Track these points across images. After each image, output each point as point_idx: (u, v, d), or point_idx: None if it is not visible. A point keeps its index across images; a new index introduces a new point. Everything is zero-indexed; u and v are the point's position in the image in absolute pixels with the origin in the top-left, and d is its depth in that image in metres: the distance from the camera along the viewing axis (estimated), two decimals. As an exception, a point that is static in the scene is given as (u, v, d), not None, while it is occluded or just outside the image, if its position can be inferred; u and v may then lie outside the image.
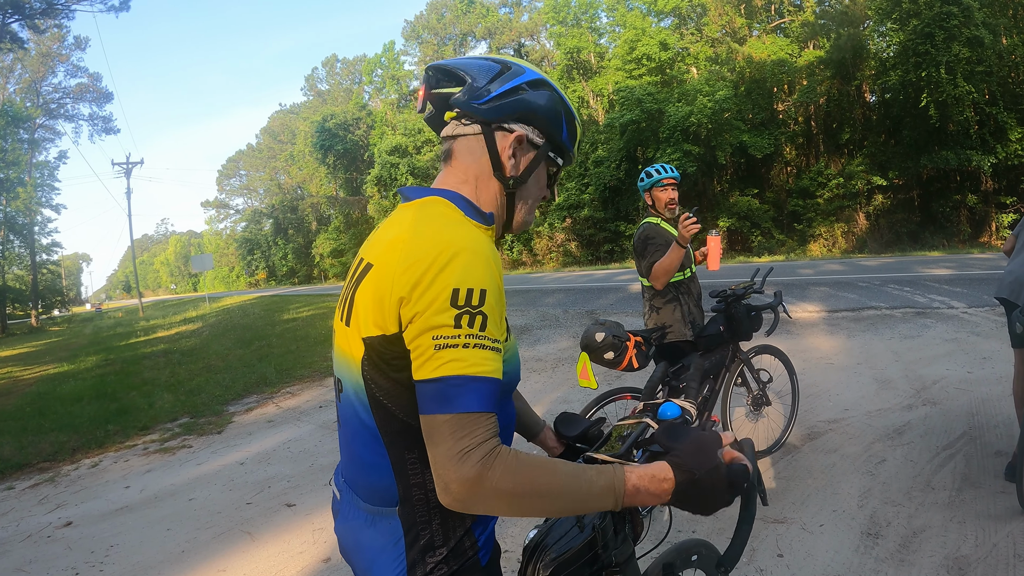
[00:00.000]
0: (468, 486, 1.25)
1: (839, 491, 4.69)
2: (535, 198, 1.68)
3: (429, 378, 1.28)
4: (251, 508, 5.64)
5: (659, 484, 1.41)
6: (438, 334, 1.28)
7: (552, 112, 1.61)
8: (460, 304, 1.28)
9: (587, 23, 49.55)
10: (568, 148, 1.67)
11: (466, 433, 1.26)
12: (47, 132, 57.36)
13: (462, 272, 1.31)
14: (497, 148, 1.58)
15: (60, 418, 9.89)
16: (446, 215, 1.49)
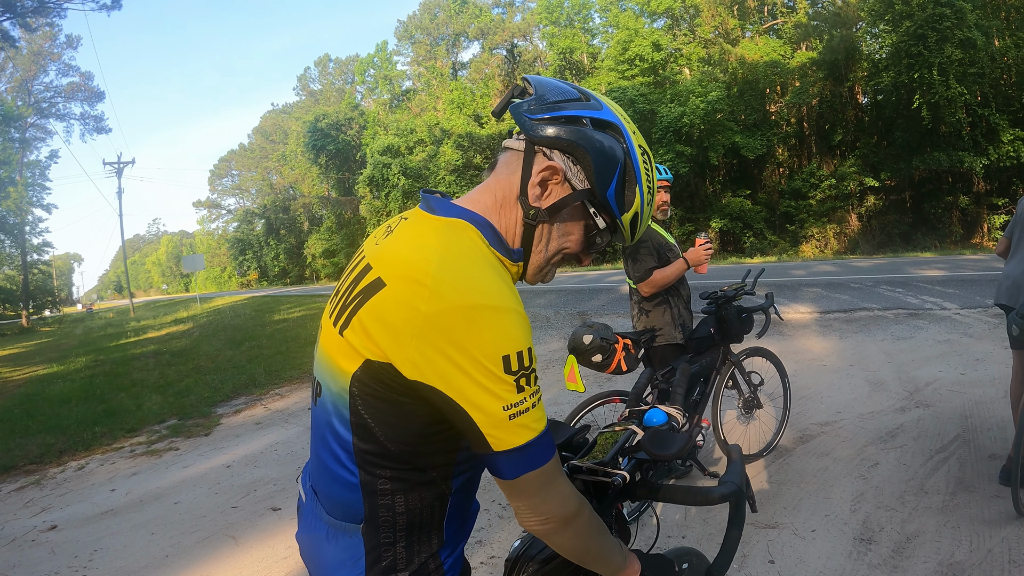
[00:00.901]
0: (569, 519, 1.37)
1: (831, 495, 4.65)
2: (558, 248, 1.51)
3: (515, 447, 1.28)
4: (236, 512, 5.58)
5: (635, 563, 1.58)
6: (507, 404, 1.26)
7: (605, 159, 1.43)
8: (515, 370, 1.26)
9: (580, 24, 49.69)
10: (612, 207, 1.46)
11: (559, 475, 1.36)
12: (38, 131, 57.19)
13: (508, 336, 1.26)
14: (531, 171, 1.45)
15: (48, 420, 9.82)
16: (475, 252, 1.37)
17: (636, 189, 1.48)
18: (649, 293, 4.85)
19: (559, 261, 1.55)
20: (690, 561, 2.03)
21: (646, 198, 1.51)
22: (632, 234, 1.53)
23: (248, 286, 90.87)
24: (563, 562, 1.66)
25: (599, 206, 1.46)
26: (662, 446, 1.69)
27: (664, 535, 4.23)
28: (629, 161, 1.47)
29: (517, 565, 1.69)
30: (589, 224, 1.49)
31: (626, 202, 1.47)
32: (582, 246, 1.53)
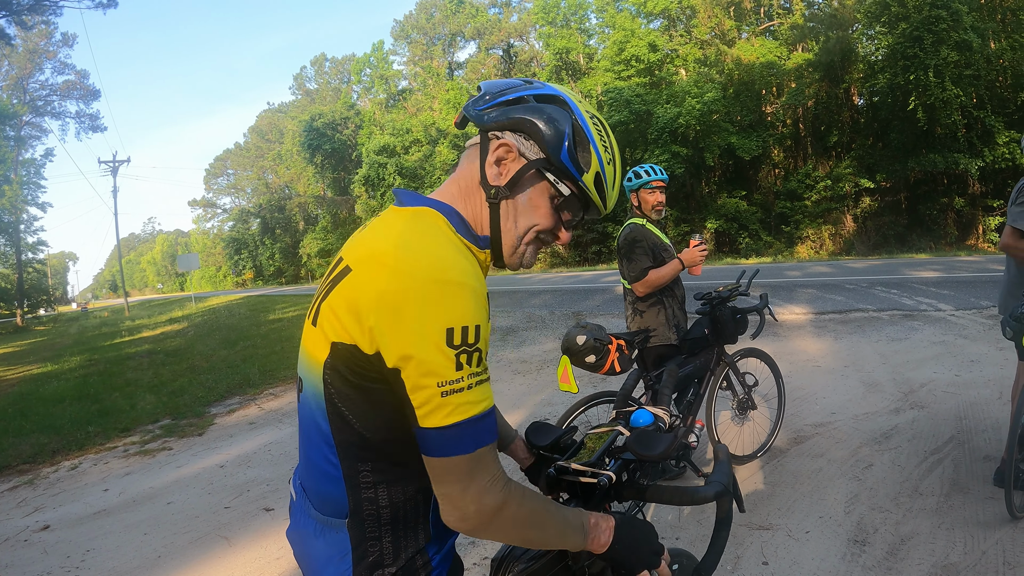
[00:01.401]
0: (488, 516, 1.30)
1: (825, 497, 4.64)
2: (528, 224, 1.49)
3: (441, 426, 1.26)
4: (229, 512, 5.57)
5: (607, 521, 1.52)
6: (442, 380, 1.24)
7: (553, 125, 1.45)
8: (457, 344, 1.24)
9: (576, 24, 49.66)
10: (570, 170, 1.44)
11: (484, 467, 1.29)
12: (33, 129, 57.12)
13: (456, 309, 1.25)
14: (485, 156, 1.49)
15: (41, 419, 9.81)
16: (437, 234, 1.40)
17: (591, 149, 1.47)
18: (644, 293, 4.84)
19: (534, 240, 1.53)
20: (680, 562, 2.03)
21: (605, 158, 1.50)
22: (603, 199, 1.51)
23: (243, 285, 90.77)
24: (549, 562, 1.66)
25: (558, 172, 1.46)
26: (647, 446, 1.69)
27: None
28: (578, 124, 1.47)
29: (503, 565, 1.68)
30: (553, 194, 1.49)
31: (583, 163, 1.46)
32: (553, 220, 1.51)
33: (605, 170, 1.49)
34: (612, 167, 1.52)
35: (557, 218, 1.51)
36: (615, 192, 1.56)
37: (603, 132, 1.52)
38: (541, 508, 1.37)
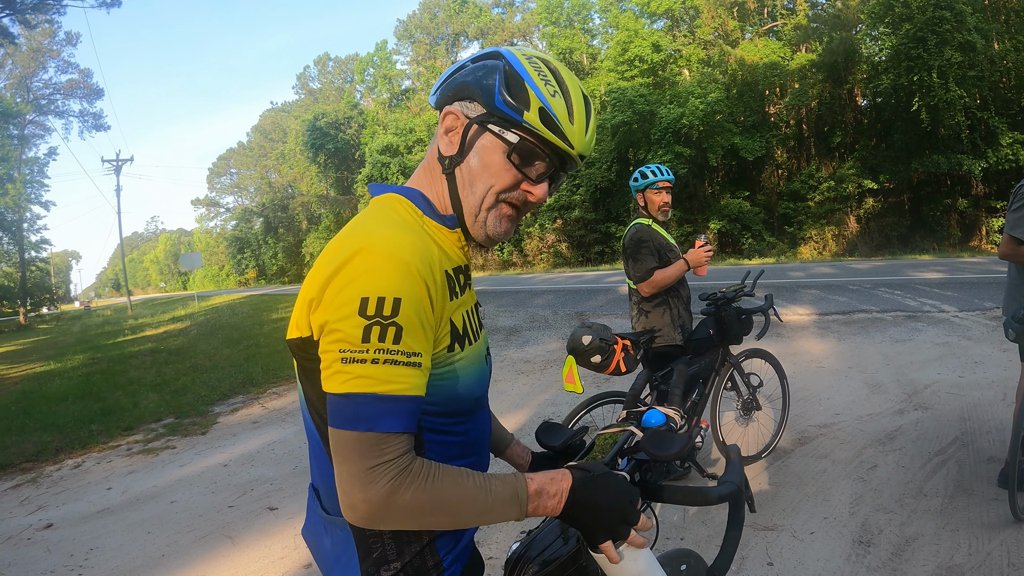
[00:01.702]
0: (375, 506, 1.20)
1: (830, 497, 4.64)
2: (486, 186, 1.44)
3: (336, 392, 1.22)
4: (233, 511, 5.57)
5: (557, 484, 1.37)
6: (346, 346, 1.20)
7: (484, 75, 1.43)
8: (370, 314, 1.20)
9: (580, 24, 49.63)
10: (509, 113, 1.39)
11: (374, 453, 1.20)
12: (37, 128, 57.24)
13: (374, 278, 1.22)
14: (438, 133, 1.50)
15: (44, 418, 9.81)
16: (385, 214, 1.41)
17: (527, 87, 1.40)
18: (649, 293, 4.84)
19: (494, 204, 1.46)
20: (688, 563, 2.04)
21: (547, 91, 1.40)
22: (560, 136, 1.41)
23: (246, 284, 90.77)
24: (564, 562, 1.65)
25: (500, 121, 1.41)
26: (662, 447, 1.67)
27: (663, 537, 4.22)
28: (510, 68, 1.43)
29: (517, 567, 1.67)
30: (504, 148, 1.42)
31: (519, 100, 1.39)
32: (512, 176, 1.44)
33: (550, 103, 1.40)
34: (561, 100, 1.42)
35: (517, 174, 1.44)
36: (577, 127, 1.45)
37: (543, 70, 1.44)
38: (451, 491, 1.26)
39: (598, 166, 39.75)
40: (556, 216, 43.42)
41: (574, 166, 1.51)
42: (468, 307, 1.49)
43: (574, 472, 1.40)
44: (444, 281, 1.34)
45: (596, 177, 39.68)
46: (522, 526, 4.41)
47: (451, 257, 1.46)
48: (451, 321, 1.37)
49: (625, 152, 38.29)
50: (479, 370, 1.48)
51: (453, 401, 1.40)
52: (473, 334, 1.47)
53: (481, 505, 1.29)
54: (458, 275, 1.45)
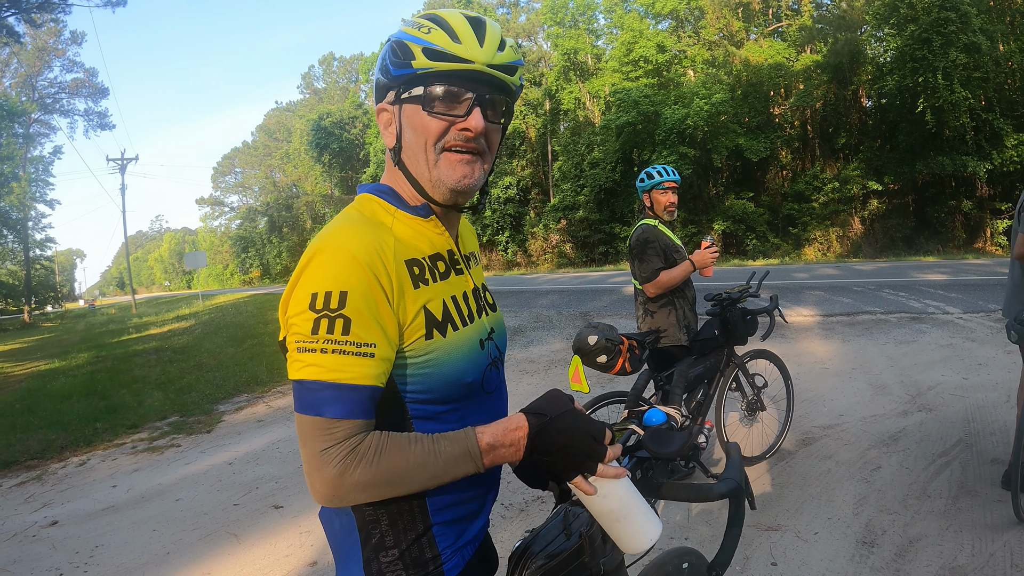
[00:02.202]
0: (329, 486, 1.27)
1: (834, 498, 4.65)
2: (422, 145, 1.45)
3: (293, 379, 1.31)
4: (238, 509, 5.59)
5: (512, 433, 1.39)
6: (299, 338, 1.29)
7: (383, 61, 1.48)
8: (318, 308, 1.28)
9: (585, 24, 49.50)
10: (402, 72, 1.42)
11: (324, 437, 1.27)
12: (42, 127, 57.51)
13: (321, 274, 1.29)
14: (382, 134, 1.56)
15: (49, 415, 9.85)
16: (348, 214, 1.48)
17: (405, 42, 1.42)
18: (655, 294, 4.85)
19: (438, 154, 1.46)
20: (690, 560, 2.05)
21: (420, 35, 1.41)
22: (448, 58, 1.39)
23: (250, 284, 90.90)
24: (565, 559, 1.67)
25: (405, 86, 1.45)
26: (663, 444, 1.71)
27: (667, 536, 4.23)
28: (394, 39, 1.46)
29: (521, 561, 1.69)
30: (418, 104, 1.44)
31: (405, 56, 1.41)
32: (439, 122, 1.43)
33: (428, 39, 1.40)
34: (439, 31, 1.41)
35: (443, 121, 1.44)
36: (467, 43, 1.41)
37: (419, 21, 1.45)
38: (398, 461, 1.30)
39: (602, 166, 39.76)
40: (560, 216, 43.43)
41: (502, 85, 1.49)
42: (457, 292, 1.52)
43: (530, 419, 1.40)
44: (402, 271, 1.39)
45: (600, 177, 39.69)
46: (527, 524, 4.44)
47: (422, 246, 1.49)
48: (425, 309, 1.40)
49: (629, 152, 38.27)
50: (469, 355, 1.49)
51: (441, 388, 1.43)
52: (461, 319, 1.49)
53: (433, 468, 1.33)
54: (435, 262, 1.49)
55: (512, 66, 1.47)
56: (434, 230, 1.53)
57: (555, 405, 1.42)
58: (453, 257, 1.57)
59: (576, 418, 1.41)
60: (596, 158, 41.01)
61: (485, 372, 1.53)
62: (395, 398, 1.40)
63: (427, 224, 1.52)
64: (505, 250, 47.48)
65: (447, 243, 1.56)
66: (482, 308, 1.62)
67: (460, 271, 1.57)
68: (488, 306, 1.66)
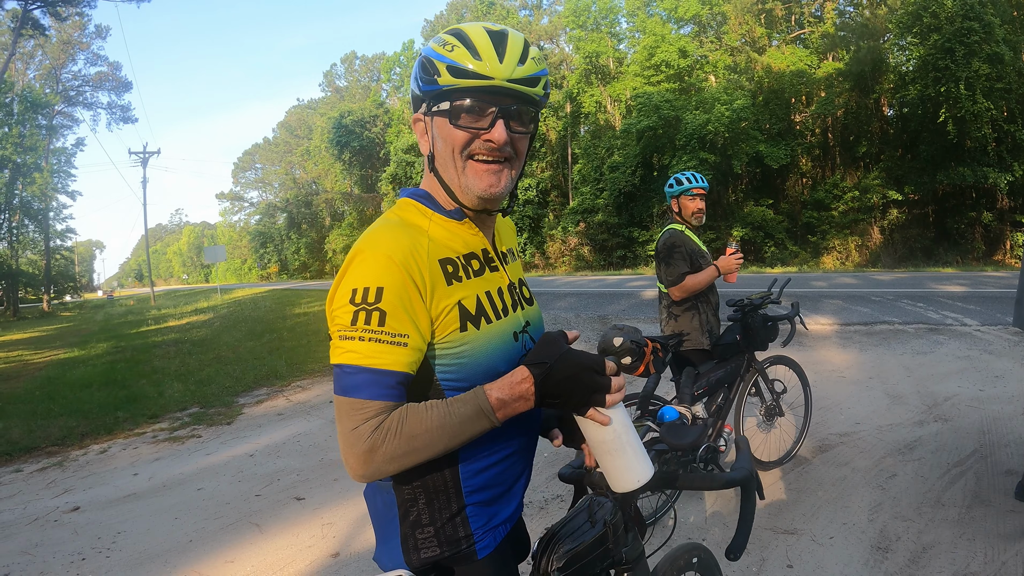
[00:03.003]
0: (361, 461, 1.40)
1: (849, 504, 4.68)
2: (450, 152, 1.56)
3: (333, 363, 1.45)
4: (260, 500, 5.66)
5: (519, 386, 1.47)
6: (340, 328, 1.44)
7: (414, 76, 1.61)
8: (357, 301, 1.42)
9: (607, 28, 49.42)
10: (431, 88, 1.53)
11: (356, 416, 1.40)
12: (65, 119, 57.85)
13: (361, 272, 1.44)
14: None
15: (69, 403, 9.96)
16: (387, 217, 1.63)
17: (431, 59, 1.52)
18: (680, 298, 4.91)
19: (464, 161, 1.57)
20: (699, 555, 2.23)
21: (444, 52, 1.51)
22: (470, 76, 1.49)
23: (268, 279, 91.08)
24: (592, 544, 1.76)
25: (432, 99, 1.56)
26: (680, 436, 1.85)
27: (683, 537, 4.27)
28: (423, 56, 1.57)
29: (549, 547, 1.76)
30: (446, 117, 1.54)
31: (432, 73, 1.52)
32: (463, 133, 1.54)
33: (452, 58, 1.50)
34: (461, 48, 1.50)
35: (467, 132, 1.54)
36: (487, 60, 1.50)
37: (444, 38, 1.54)
38: (418, 426, 1.41)
39: (622, 170, 39.67)
40: (579, 219, 43.35)
41: (524, 97, 1.56)
42: (492, 287, 1.63)
43: (532, 370, 1.47)
44: (435, 269, 1.51)
45: (620, 181, 39.60)
46: (547, 522, 4.49)
47: (456, 246, 1.61)
48: (459, 304, 1.52)
49: (650, 157, 38.15)
50: (502, 347, 1.60)
51: (475, 376, 1.53)
52: (495, 313, 1.60)
53: (450, 428, 1.43)
54: (469, 260, 1.61)
55: (534, 78, 1.56)
56: (468, 231, 1.65)
57: (552, 349, 1.50)
58: (488, 255, 1.67)
59: (575, 357, 1.48)
60: (616, 162, 40.94)
61: (518, 363, 1.58)
62: (432, 386, 1.52)
63: (461, 226, 1.64)
64: (523, 252, 47.37)
65: (482, 242, 1.67)
66: (517, 302, 1.70)
67: (495, 268, 1.68)
68: (524, 300, 1.75)
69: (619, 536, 1.80)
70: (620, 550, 1.81)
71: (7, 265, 50.08)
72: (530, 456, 1.76)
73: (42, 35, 43.93)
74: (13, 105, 47.73)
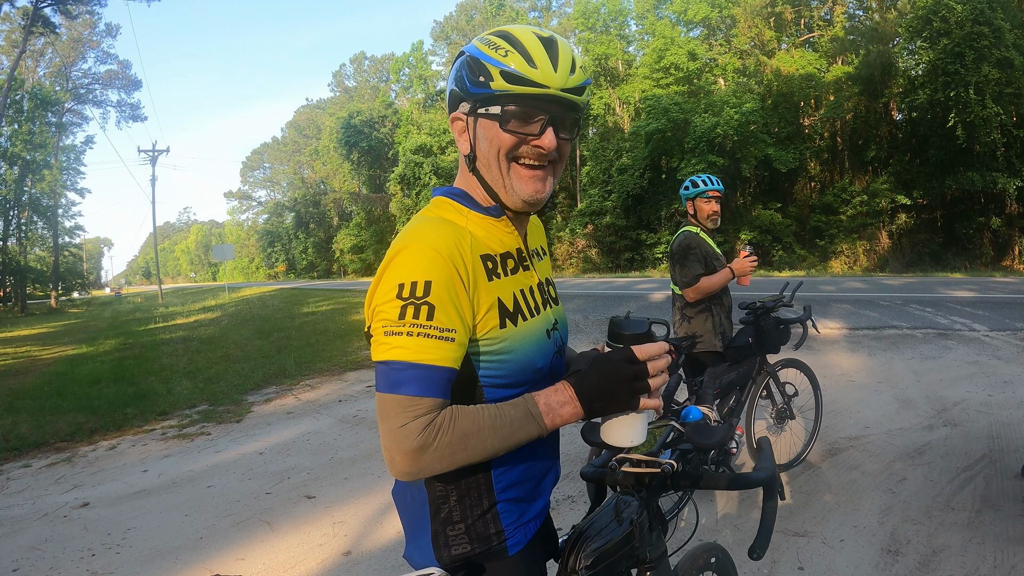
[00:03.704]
0: (410, 458, 1.37)
1: (860, 507, 4.69)
2: (495, 155, 1.57)
3: (378, 360, 1.41)
4: (270, 498, 5.67)
5: (561, 393, 1.48)
6: (386, 323, 1.40)
7: (458, 75, 1.60)
8: (405, 296, 1.39)
9: (616, 30, 49.42)
10: (481, 91, 1.53)
11: (406, 413, 1.37)
12: (75, 116, 58.26)
13: (407, 266, 1.41)
14: (456, 140, 1.68)
15: (78, 399, 9.99)
16: (427, 213, 1.62)
17: (483, 61, 1.52)
18: (694, 299, 4.93)
19: (509, 166, 1.58)
20: (716, 556, 2.29)
21: (498, 56, 1.51)
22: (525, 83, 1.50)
23: (275, 278, 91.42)
24: (618, 543, 1.78)
25: (481, 101, 1.55)
26: (706, 435, 1.84)
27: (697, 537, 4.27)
28: (469, 56, 1.57)
29: (576, 545, 1.78)
30: (494, 120, 1.55)
31: (484, 75, 1.52)
32: (512, 137, 1.54)
33: (506, 62, 1.50)
34: (515, 54, 1.50)
35: (515, 137, 1.54)
36: (542, 69, 1.50)
37: (493, 40, 1.55)
38: (471, 426, 1.40)
39: (630, 173, 39.70)
40: (587, 221, 43.37)
41: (573, 105, 1.58)
42: (524, 286, 1.63)
43: (570, 379, 1.49)
44: (478, 264, 1.51)
45: (628, 184, 39.62)
46: (561, 520, 4.50)
47: (494, 244, 1.61)
48: (499, 300, 1.52)
49: (658, 160, 38.19)
50: (539, 343, 1.61)
51: (515, 373, 1.55)
52: (530, 310, 1.61)
53: (502, 430, 1.43)
54: (505, 259, 1.62)
55: (582, 87, 1.58)
56: (504, 229, 1.64)
57: (583, 359, 1.57)
58: (521, 255, 1.68)
59: (610, 360, 1.47)
60: (624, 164, 40.96)
61: (552, 359, 1.63)
62: (472, 383, 1.52)
63: (498, 224, 1.63)
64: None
65: (516, 242, 1.67)
66: (547, 301, 1.72)
67: (527, 267, 1.68)
68: (552, 299, 1.76)
69: (644, 535, 1.83)
70: (645, 549, 1.84)
71: (15, 261, 50.46)
72: (556, 451, 1.77)
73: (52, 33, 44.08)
74: (23, 102, 48.10)
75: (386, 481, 5.61)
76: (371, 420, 8.01)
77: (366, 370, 11.22)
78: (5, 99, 42.42)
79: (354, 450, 6.90)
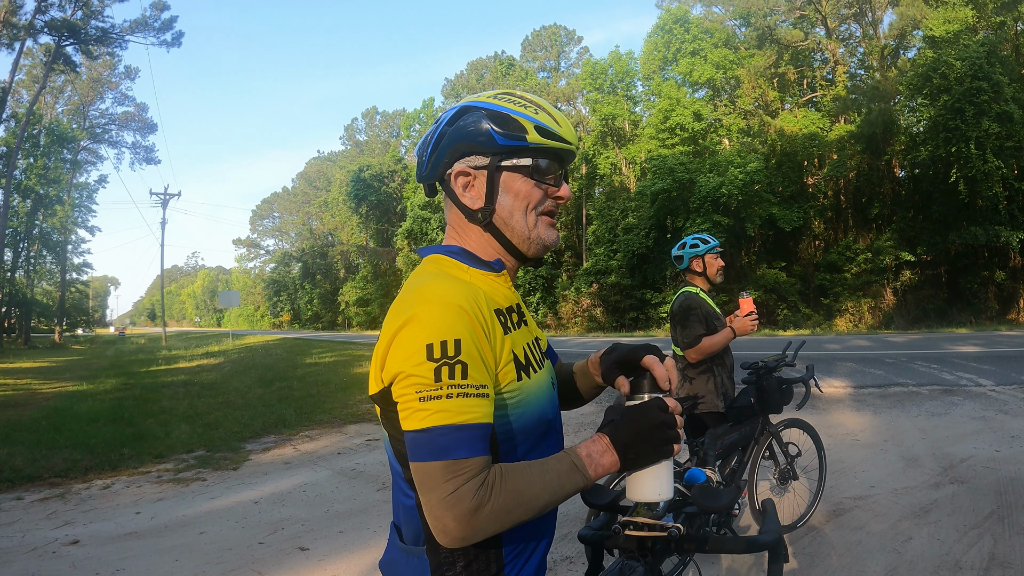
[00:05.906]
0: (465, 523, 1.30)
1: (865, 569, 4.58)
2: (523, 210, 1.60)
3: (416, 429, 1.33)
4: (263, 548, 5.58)
5: (598, 443, 1.47)
6: (420, 388, 1.33)
7: (477, 128, 1.57)
8: (437, 357, 1.33)
9: (623, 91, 49.95)
10: (513, 143, 1.55)
11: (457, 477, 1.30)
12: (90, 155, 59.13)
13: (433, 325, 1.35)
14: (455, 195, 1.63)
15: (75, 436, 9.96)
16: (433, 271, 1.57)
17: (514, 116, 1.55)
18: (696, 360, 4.89)
19: (538, 219, 1.62)
20: None
21: (530, 112, 1.56)
22: (559, 139, 1.58)
23: (280, 327, 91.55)
24: None
25: (510, 153, 1.57)
26: (713, 499, 1.79)
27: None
28: (490, 111, 1.57)
29: None
30: (519, 173, 1.58)
31: (515, 130, 1.54)
32: (540, 191, 1.60)
33: (538, 119, 1.56)
34: (543, 112, 1.59)
35: (541, 188, 1.60)
36: (564, 127, 1.60)
37: (514, 98, 1.60)
38: (522, 482, 1.37)
39: (636, 232, 39.83)
40: (592, 280, 43.37)
41: (572, 157, 1.67)
42: (528, 340, 1.61)
43: (604, 429, 1.49)
44: (494, 318, 1.48)
45: (634, 243, 39.72)
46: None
47: (499, 298, 1.58)
48: (513, 353, 1.48)
49: (664, 219, 38.26)
50: (548, 395, 1.60)
51: (531, 425, 1.53)
52: (536, 363, 1.58)
53: (551, 484, 1.40)
54: (510, 313, 1.59)
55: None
56: (505, 284, 1.63)
57: (614, 411, 1.52)
58: (520, 309, 1.67)
59: (641, 409, 1.49)
60: (630, 224, 41.12)
61: (556, 411, 1.63)
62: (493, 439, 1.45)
63: (499, 279, 1.62)
64: (536, 312, 47.36)
65: (515, 297, 1.67)
66: (542, 355, 1.69)
67: (525, 322, 1.67)
68: (544, 353, 1.74)
69: None
70: None
71: (22, 293, 50.88)
72: (553, 516, 1.72)
73: (73, 71, 44.88)
74: (40, 137, 48.88)
75: (381, 536, 5.49)
76: (369, 474, 7.94)
77: (366, 423, 11.12)
78: (23, 132, 43.17)
79: (351, 503, 6.81)
